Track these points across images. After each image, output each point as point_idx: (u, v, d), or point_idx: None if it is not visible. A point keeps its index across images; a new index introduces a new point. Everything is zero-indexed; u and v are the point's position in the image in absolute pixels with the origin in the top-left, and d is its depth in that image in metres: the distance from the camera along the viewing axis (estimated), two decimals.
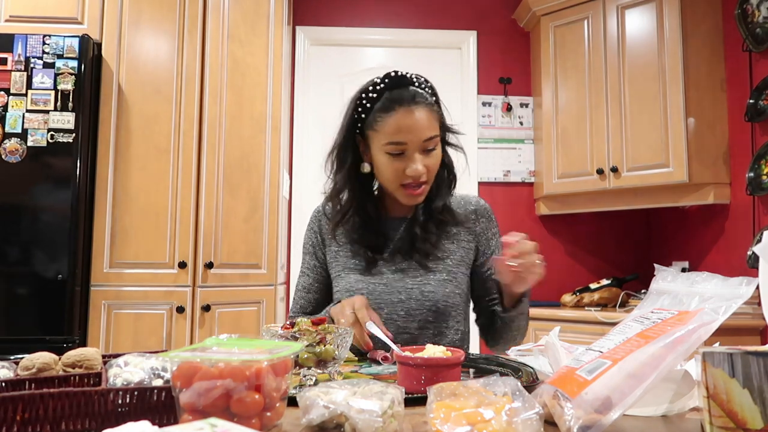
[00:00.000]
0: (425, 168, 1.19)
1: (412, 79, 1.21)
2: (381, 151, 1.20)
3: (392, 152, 1.19)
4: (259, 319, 2.55)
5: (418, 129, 1.17)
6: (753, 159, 2.44)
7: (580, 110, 2.97)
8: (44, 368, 0.76)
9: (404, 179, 1.20)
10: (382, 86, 1.20)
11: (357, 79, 3.74)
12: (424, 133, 1.18)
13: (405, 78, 1.21)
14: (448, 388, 0.67)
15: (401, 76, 1.21)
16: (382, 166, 1.22)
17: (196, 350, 0.68)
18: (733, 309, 0.66)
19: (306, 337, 0.86)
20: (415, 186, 1.21)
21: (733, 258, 2.61)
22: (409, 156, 1.18)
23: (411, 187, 1.21)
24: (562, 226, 3.32)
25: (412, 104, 1.17)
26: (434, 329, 1.25)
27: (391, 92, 1.19)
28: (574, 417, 0.61)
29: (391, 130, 1.17)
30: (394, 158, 1.19)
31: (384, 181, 1.25)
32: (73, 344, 2.20)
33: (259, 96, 2.62)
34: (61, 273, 2.22)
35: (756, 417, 0.54)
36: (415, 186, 1.21)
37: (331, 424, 0.64)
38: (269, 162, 2.61)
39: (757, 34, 2.45)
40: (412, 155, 1.18)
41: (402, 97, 1.17)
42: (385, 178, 1.23)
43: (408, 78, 1.21)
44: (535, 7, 3.14)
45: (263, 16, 2.66)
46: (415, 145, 1.18)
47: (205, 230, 2.46)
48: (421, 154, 1.19)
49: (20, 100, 2.26)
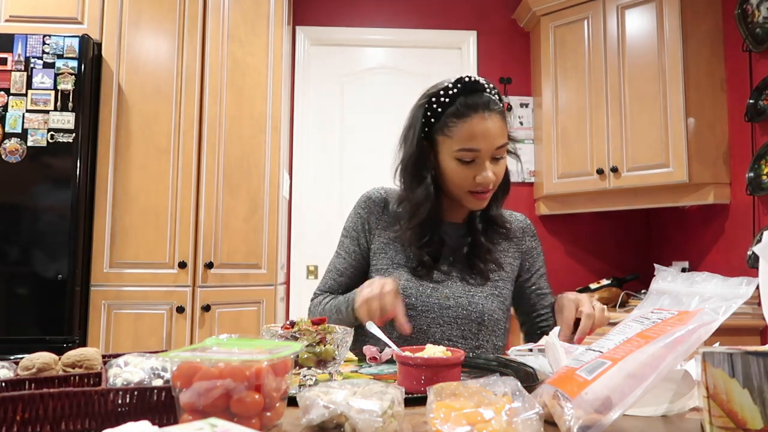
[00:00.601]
0: (494, 176, 1.19)
1: (485, 85, 1.20)
2: (451, 156, 1.19)
3: (464, 159, 1.17)
4: (259, 319, 2.55)
5: (492, 136, 1.16)
6: (753, 159, 2.44)
7: (580, 110, 2.97)
8: (44, 368, 0.76)
9: (474, 186, 1.19)
10: (456, 91, 1.19)
11: (357, 79, 3.75)
12: (497, 141, 1.17)
13: (478, 83, 1.20)
14: (448, 388, 0.67)
15: (475, 81, 1.20)
16: (452, 171, 1.20)
17: (196, 350, 0.68)
18: (733, 309, 0.66)
19: (306, 337, 0.86)
20: (483, 192, 1.20)
21: (733, 258, 2.61)
22: (480, 163, 1.18)
23: (479, 193, 1.20)
24: (562, 226, 3.32)
25: (487, 111, 1.16)
26: (475, 340, 1.24)
27: (465, 98, 1.18)
28: (574, 417, 0.61)
29: (464, 137, 1.16)
30: (465, 165, 1.18)
31: (451, 186, 1.23)
32: (73, 344, 2.20)
33: (259, 96, 2.62)
34: (61, 273, 2.22)
35: (756, 417, 0.54)
36: (484, 192, 1.21)
37: (331, 424, 0.64)
38: (269, 162, 2.61)
39: (757, 34, 2.45)
40: (483, 162, 1.17)
41: (477, 103, 1.17)
42: (453, 184, 1.21)
43: (481, 84, 1.20)
44: (535, 7, 3.14)
45: (263, 16, 2.66)
46: (487, 153, 1.17)
47: (205, 230, 2.46)
48: (491, 161, 1.18)
49: (20, 100, 2.26)
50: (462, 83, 1.18)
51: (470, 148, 1.16)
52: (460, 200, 1.24)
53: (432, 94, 1.21)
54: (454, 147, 1.18)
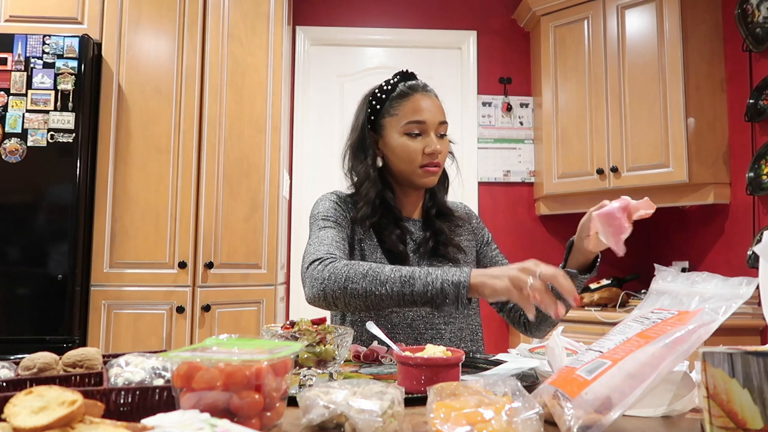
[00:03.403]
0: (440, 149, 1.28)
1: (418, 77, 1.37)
2: (400, 133, 1.29)
3: (412, 132, 1.27)
4: (259, 319, 2.55)
5: (435, 110, 1.29)
6: (753, 159, 2.45)
7: (580, 110, 2.97)
8: (45, 368, 0.76)
9: (424, 159, 1.27)
10: (396, 80, 1.33)
11: (357, 79, 3.74)
12: (438, 116, 1.29)
13: (414, 74, 1.36)
14: (448, 388, 0.67)
15: (411, 73, 1.35)
16: (402, 147, 1.28)
17: (196, 350, 0.68)
18: (733, 309, 0.66)
19: (306, 337, 0.86)
20: (433, 165, 1.27)
21: (733, 258, 2.61)
22: (427, 135, 1.28)
23: (429, 165, 1.27)
24: (562, 226, 3.32)
25: (427, 90, 1.32)
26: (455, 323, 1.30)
27: (405, 83, 1.32)
28: (574, 417, 0.61)
29: (410, 111, 1.28)
30: (414, 138, 1.28)
31: (402, 165, 1.29)
32: (73, 344, 2.20)
33: (259, 96, 2.62)
34: (61, 273, 2.23)
35: (756, 417, 0.54)
36: (434, 165, 1.27)
37: (331, 424, 0.64)
38: (269, 162, 2.61)
39: (757, 34, 2.45)
40: (430, 134, 1.28)
41: (417, 84, 1.32)
42: (405, 161, 1.28)
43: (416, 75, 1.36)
44: (535, 7, 3.14)
45: (263, 16, 2.66)
46: (432, 125, 1.28)
47: (205, 230, 2.46)
48: (436, 136, 1.28)
49: (20, 100, 2.26)
50: (400, 74, 1.35)
51: (416, 120, 1.27)
52: (412, 179, 1.29)
53: (374, 88, 1.36)
54: (401, 122, 1.28)
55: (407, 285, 0.99)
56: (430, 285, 0.98)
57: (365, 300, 1.02)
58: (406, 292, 0.99)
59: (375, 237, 1.30)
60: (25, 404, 0.50)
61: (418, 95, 1.29)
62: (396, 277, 1.01)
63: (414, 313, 1.27)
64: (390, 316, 1.26)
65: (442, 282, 0.97)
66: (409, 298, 1.00)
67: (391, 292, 1.00)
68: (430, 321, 1.28)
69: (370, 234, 1.30)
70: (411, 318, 1.27)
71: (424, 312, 1.27)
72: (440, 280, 0.98)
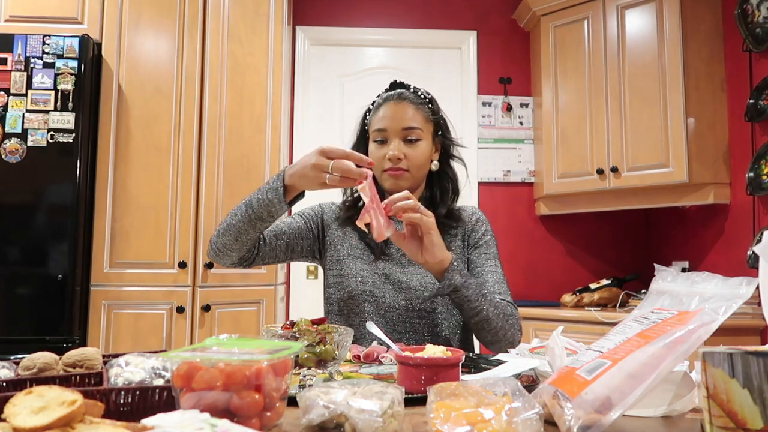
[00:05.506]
0: (403, 154, 1.31)
1: (409, 86, 1.39)
2: (371, 140, 1.37)
3: (376, 139, 1.35)
4: (259, 319, 2.55)
5: (398, 118, 1.33)
6: (753, 159, 2.45)
7: (580, 110, 2.98)
8: (45, 368, 0.76)
9: (386, 164, 1.33)
10: (384, 92, 1.40)
11: (357, 79, 3.75)
12: (404, 122, 1.32)
13: (402, 84, 1.40)
14: (448, 388, 0.67)
15: (400, 83, 1.41)
16: (371, 155, 1.35)
17: (196, 350, 0.68)
18: (733, 309, 0.66)
19: (306, 337, 0.86)
20: (394, 169, 1.31)
21: (733, 258, 2.61)
22: (389, 142, 1.33)
23: (391, 170, 1.32)
24: (562, 226, 3.32)
25: (397, 99, 1.35)
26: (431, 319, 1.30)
27: (385, 93, 1.39)
28: (574, 417, 0.61)
29: (376, 120, 1.35)
30: (379, 145, 1.35)
31: (375, 171, 1.33)
32: (73, 344, 2.20)
33: (259, 96, 2.62)
34: (61, 273, 2.23)
35: (756, 417, 0.54)
36: (394, 169, 1.31)
37: (331, 424, 0.64)
38: (269, 162, 2.61)
39: (757, 34, 2.45)
40: (391, 141, 1.33)
41: (391, 95, 1.37)
42: (375, 167, 1.31)
43: (405, 84, 1.40)
44: (535, 7, 3.14)
45: (263, 15, 2.66)
46: (394, 132, 1.32)
47: (205, 230, 2.46)
48: (402, 142, 1.32)
49: (20, 100, 2.26)
50: (390, 85, 1.41)
51: (379, 128, 1.34)
52: (382, 184, 1.36)
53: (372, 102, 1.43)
54: (372, 131, 1.36)
55: (248, 206, 1.20)
56: (260, 195, 1.18)
57: (229, 233, 1.22)
58: (249, 211, 1.19)
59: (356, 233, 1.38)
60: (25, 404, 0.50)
61: (387, 104, 1.35)
62: (242, 205, 1.22)
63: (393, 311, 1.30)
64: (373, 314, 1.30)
65: (266, 191, 1.17)
66: (253, 215, 1.19)
67: (241, 217, 1.20)
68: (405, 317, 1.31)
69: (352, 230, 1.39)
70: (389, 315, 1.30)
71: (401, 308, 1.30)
72: (264, 189, 1.18)
